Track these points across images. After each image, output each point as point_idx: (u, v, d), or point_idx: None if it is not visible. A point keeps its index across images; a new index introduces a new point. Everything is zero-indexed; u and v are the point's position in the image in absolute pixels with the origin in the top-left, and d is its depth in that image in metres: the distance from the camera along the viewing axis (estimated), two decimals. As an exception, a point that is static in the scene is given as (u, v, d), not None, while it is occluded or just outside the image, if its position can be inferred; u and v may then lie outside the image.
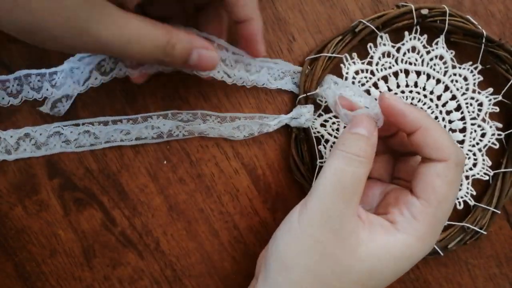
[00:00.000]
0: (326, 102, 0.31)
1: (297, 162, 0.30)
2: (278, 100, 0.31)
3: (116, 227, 0.31)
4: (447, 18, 0.30)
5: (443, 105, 0.32)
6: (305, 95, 0.30)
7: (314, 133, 0.31)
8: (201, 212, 0.31)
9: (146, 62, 0.27)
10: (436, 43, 0.31)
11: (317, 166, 0.30)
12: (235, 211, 0.32)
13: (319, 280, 0.23)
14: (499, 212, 0.32)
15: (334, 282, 0.23)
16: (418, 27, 0.31)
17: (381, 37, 0.31)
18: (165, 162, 0.31)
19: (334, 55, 0.30)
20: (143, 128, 0.30)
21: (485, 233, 0.32)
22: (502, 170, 0.32)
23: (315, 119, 0.31)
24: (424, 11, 0.30)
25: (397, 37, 0.31)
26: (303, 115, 0.30)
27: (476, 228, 0.32)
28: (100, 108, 0.30)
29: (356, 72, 0.31)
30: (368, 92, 0.31)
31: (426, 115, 0.24)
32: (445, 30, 0.31)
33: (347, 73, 0.31)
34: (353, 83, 0.31)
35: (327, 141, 0.31)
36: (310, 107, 0.30)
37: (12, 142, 0.29)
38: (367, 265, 0.23)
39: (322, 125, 0.31)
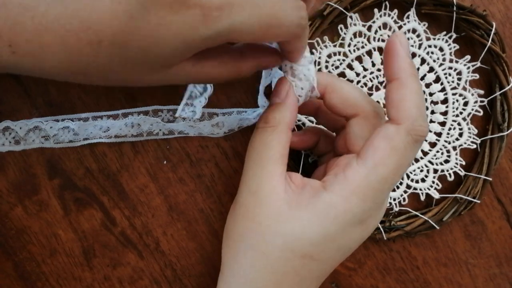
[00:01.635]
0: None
1: None
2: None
3: (116, 227, 0.31)
4: None
5: (422, 78, 0.32)
6: (270, 83, 0.29)
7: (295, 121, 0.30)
8: (201, 212, 0.31)
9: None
10: (408, 17, 0.31)
11: (302, 155, 0.30)
12: (235, 211, 0.32)
13: (249, 246, 0.23)
14: (490, 179, 0.32)
15: (262, 247, 0.23)
16: (387, 3, 0.30)
17: (351, 17, 0.30)
18: (165, 162, 0.31)
19: None
20: (123, 125, 0.29)
21: (478, 201, 0.31)
22: (489, 136, 0.32)
23: None
24: None
25: (366, 17, 0.31)
26: None
27: (469, 198, 0.31)
28: (100, 108, 0.30)
29: (329, 56, 0.31)
30: (343, 74, 0.31)
31: (408, 71, 0.22)
32: (414, 3, 0.30)
33: (319, 57, 0.31)
34: (326, 67, 0.31)
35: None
36: None
37: None
38: (289, 226, 0.22)
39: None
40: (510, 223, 0.34)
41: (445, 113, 0.32)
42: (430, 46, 0.31)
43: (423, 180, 0.32)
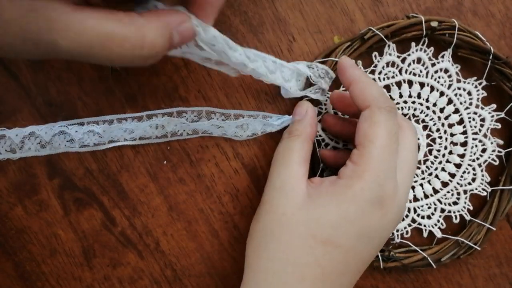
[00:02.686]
0: (326, 108, 0.31)
1: None
2: (278, 100, 0.31)
3: (116, 227, 0.31)
4: (456, 32, 0.30)
5: (446, 118, 0.32)
6: (307, 98, 0.30)
7: (316, 136, 0.31)
8: (201, 212, 0.31)
9: (124, 64, 0.21)
10: (442, 56, 0.31)
11: (320, 169, 0.30)
12: (235, 211, 0.32)
13: (273, 238, 0.25)
14: (494, 229, 0.32)
15: (285, 236, 0.24)
16: (426, 39, 0.31)
17: (389, 46, 0.31)
18: (165, 162, 0.31)
19: None
20: (147, 127, 0.30)
21: (479, 248, 0.32)
22: (500, 187, 0.32)
23: (317, 123, 0.31)
24: (434, 24, 0.30)
25: (403, 48, 0.31)
26: None
27: (470, 243, 0.32)
28: (100, 108, 0.30)
29: None
30: None
31: (359, 72, 0.26)
32: (453, 44, 0.31)
33: None
34: None
35: (327, 144, 0.31)
36: (314, 109, 0.30)
37: (17, 141, 0.29)
38: (311, 213, 0.24)
39: (323, 129, 0.31)
40: (510, 223, 0.34)
41: (462, 156, 0.32)
42: (459, 89, 0.32)
43: (429, 217, 0.33)
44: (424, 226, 0.33)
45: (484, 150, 0.32)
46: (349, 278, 0.25)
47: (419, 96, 0.32)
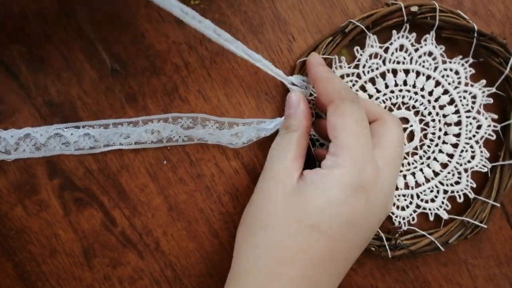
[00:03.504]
0: (315, 107, 0.31)
1: None
2: (278, 100, 0.31)
3: (116, 227, 0.31)
4: (437, 14, 0.30)
5: (436, 100, 0.32)
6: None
7: (310, 135, 0.31)
8: (201, 212, 0.31)
9: None
10: (425, 40, 0.31)
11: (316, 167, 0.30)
12: (235, 211, 0.32)
13: (262, 226, 0.25)
14: (498, 205, 0.32)
15: (273, 222, 0.25)
16: (408, 25, 0.31)
17: (369, 37, 0.30)
18: (165, 162, 0.31)
19: (324, 56, 0.30)
20: (143, 132, 0.30)
21: (485, 226, 0.32)
22: (500, 163, 0.32)
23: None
24: (414, 8, 0.30)
25: (386, 37, 0.31)
26: None
27: (476, 222, 0.31)
28: (100, 108, 0.30)
29: (342, 76, 0.31)
30: None
31: (323, 69, 0.28)
32: (435, 26, 0.30)
33: None
34: None
35: (322, 144, 0.31)
36: None
37: (12, 142, 0.29)
38: (298, 199, 0.25)
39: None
40: (510, 223, 0.34)
41: (458, 135, 0.32)
42: (445, 70, 0.32)
43: (432, 200, 0.33)
44: (429, 209, 0.32)
45: (479, 127, 0.32)
46: (335, 266, 0.25)
47: (405, 83, 0.32)
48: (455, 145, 0.32)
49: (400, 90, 0.32)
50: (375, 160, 0.25)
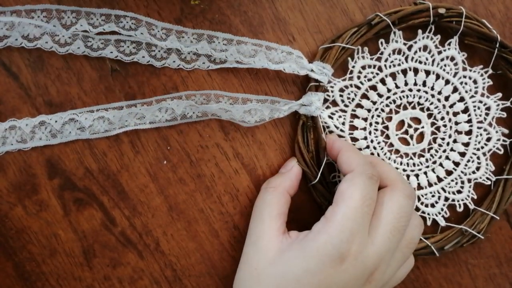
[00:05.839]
0: (333, 95, 0.31)
1: (302, 149, 0.30)
2: (280, 88, 0.31)
3: (116, 227, 0.31)
4: (463, 19, 0.30)
5: (451, 106, 0.32)
6: (316, 83, 0.30)
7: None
8: (201, 212, 0.31)
9: None
10: (449, 44, 0.31)
11: (323, 162, 0.30)
12: (235, 211, 0.32)
13: (243, 286, 0.27)
14: (497, 218, 0.32)
15: (254, 286, 0.26)
16: (433, 26, 0.31)
17: (394, 33, 0.31)
18: (165, 162, 0.31)
19: (348, 46, 0.30)
20: (157, 110, 0.29)
21: (482, 237, 0.32)
22: (505, 176, 0.32)
23: (323, 110, 0.31)
24: (441, 10, 0.30)
25: (410, 35, 0.31)
26: (313, 102, 0.30)
27: (473, 232, 0.32)
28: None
29: (363, 67, 0.31)
30: (375, 88, 0.31)
31: (346, 143, 0.30)
32: (459, 32, 0.30)
33: (353, 66, 0.31)
34: (358, 77, 0.31)
35: (331, 132, 0.31)
36: (321, 95, 0.30)
37: (27, 131, 0.29)
38: (280, 268, 0.25)
39: (329, 117, 0.31)
40: (510, 223, 0.34)
41: (467, 144, 0.32)
42: (465, 77, 0.32)
43: (432, 206, 0.33)
44: (428, 214, 0.33)
45: (488, 139, 0.32)
46: None
47: (424, 84, 0.32)
48: (462, 154, 0.32)
49: (418, 90, 0.32)
50: (366, 233, 0.25)
